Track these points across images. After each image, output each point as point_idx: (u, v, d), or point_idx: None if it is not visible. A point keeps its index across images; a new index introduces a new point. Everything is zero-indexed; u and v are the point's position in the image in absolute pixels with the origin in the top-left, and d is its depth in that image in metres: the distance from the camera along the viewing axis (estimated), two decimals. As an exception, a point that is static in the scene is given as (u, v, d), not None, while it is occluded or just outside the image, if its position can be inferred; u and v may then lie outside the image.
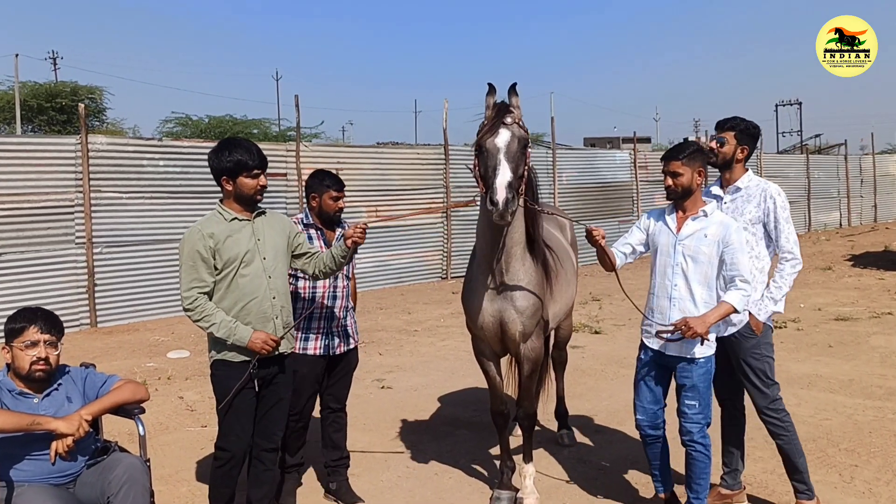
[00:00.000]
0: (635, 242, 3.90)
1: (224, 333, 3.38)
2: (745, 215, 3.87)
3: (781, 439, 3.87)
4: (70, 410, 3.13)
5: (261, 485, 3.65)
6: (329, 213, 4.25)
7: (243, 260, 3.44)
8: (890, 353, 7.66)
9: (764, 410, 3.86)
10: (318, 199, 4.25)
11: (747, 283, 3.59)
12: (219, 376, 3.50)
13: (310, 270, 3.80)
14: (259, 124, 32.62)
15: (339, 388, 4.42)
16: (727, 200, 3.94)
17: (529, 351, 4.10)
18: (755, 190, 3.89)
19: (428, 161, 14.23)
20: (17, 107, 29.56)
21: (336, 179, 4.31)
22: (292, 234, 3.73)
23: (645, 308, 3.86)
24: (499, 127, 3.66)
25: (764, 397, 3.84)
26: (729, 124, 3.96)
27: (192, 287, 3.38)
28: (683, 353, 3.65)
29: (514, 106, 3.81)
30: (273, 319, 3.52)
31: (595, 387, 6.77)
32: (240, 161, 3.43)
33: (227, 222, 3.48)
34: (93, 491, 3.04)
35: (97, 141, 10.31)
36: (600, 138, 48.07)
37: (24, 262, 9.54)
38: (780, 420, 3.86)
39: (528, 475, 4.26)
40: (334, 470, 4.42)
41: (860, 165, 25.95)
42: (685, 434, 3.69)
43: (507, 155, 3.58)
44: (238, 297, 3.44)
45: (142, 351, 8.72)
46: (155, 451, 5.31)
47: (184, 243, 3.43)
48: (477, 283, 4.06)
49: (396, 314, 10.93)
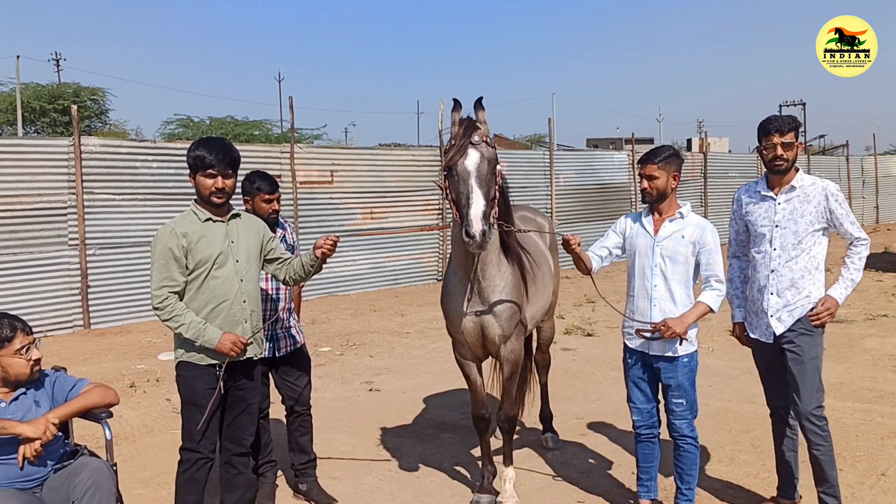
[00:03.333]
0: (611, 246, 3.95)
1: (193, 334, 3.33)
2: (805, 217, 3.69)
3: (819, 449, 3.68)
4: (38, 414, 3.11)
5: (234, 489, 3.63)
6: (263, 216, 4.11)
7: (216, 262, 3.40)
8: (883, 355, 7.61)
9: (808, 417, 3.67)
10: (250, 203, 4.19)
11: (722, 283, 3.74)
12: (185, 377, 3.45)
13: (281, 276, 3.76)
14: (260, 126, 32.70)
15: (299, 389, 4.37)
16: (781, 202, 3.74)
17: (509, 353, 4.10)
18: (812, 189, 3.70)
19: (424, 163, 14.20)
20: (19, 108, 29.65)
21: (269, 181, 4.21)
22: (266, 237, 3.69)
23: (625, 310, 3.92)
24: (467, 147, 3.63)
25: (810, 402, 3.66)
26: (787, 127, 3.70)
27: (162, 286, 3.33)
28: (666, 352, 3.73)
29: (481, 121, 3.77)
30: (242, 323, 3.48)
31: (584, 389, 6.74)
32: (197, 157, 3.38)
33: (200, 222, 3.44)
34: (59, 495, 3.01)
35: (90, 143, 10.30)
36: (603, 139, 48.09)
37: (16, 264, 9.52)
38: (821, 428, 3.68)
39: (508, 479, 4.25)
40: (302, 472, 4.40)
41: (862, 167, 25.84)
42: (675, 430, 3.80)
43: (478, 180, 3.56)
44: (208, 299, 3.40)
45: (133, 353, 8.71)
46: (138, 452, 5.30)
47: (156, 241, 3.38)
48: (455, 289, 4.08)
49: (389, 316, 10.91)
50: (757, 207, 3.84)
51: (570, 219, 16.13)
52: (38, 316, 9.36)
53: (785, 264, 3.73)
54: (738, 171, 21.14)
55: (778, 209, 3.75)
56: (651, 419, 3.89)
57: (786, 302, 3.73)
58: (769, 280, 3.77)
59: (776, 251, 3.75)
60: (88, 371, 7.46)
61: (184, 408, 3.50)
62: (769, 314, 3.76)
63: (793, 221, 3.70)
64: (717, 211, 19.62)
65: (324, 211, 12.58)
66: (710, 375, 6.93)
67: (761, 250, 3.81)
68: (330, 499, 4.33)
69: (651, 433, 3.90)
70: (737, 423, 5.57)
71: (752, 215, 3.86)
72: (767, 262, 3.78)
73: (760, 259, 3.82)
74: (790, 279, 3.72)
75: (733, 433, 5.37)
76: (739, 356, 7.76)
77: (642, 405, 3.88)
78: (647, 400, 3.88)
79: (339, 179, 12.80)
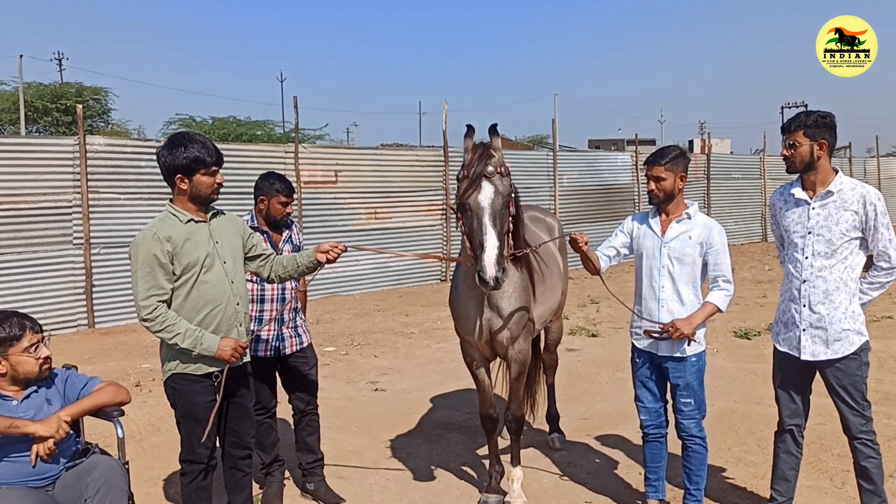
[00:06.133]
0: (619, 245, 3.95)
1: (190, 343, 3.16)
2: (841, 224, 3.44)
3: (871, 462, 3.54)
4: (49, 413, 3.12)
5: (241, 490, 3.62)
6: (276, 218, 4.19)
7: (204, 265, 3.23)
8: (887, 357, 7.61)
9: (858, 435, 3.54)
10: (266, 203, 4.21)
11: (730, 284, 3.73)
12: (182, 391, 3.28)
13: (265, 273, 3.60)
14: (263, 126, 32.73)
15: (304, 389, 4.38)
16: (815, 206, 3.50)
17: (517, 353, 4.11)
18: (850, 195, 3.44)
19: (427, 163, 14.20)
20: (22, 107, 29.66)
21: (287, 185, 4.24)
22: (246, 234, 3.53)
23: (634, 309, 3.92)
24: (480, 181, 3.56)
25: (860, 420, 3.54)
26: (794, 125, 3.50)
27: (150, 295, 3.13)
28: (674, 353, 3.73)
29: (495, 148, 3.69)
30: (237, 326, 3.37)
31: (589, 390, 6.74)
32: (197, 157, 3.21)
33: (183, 224, 3.25)
34: (71, 494, 3.01)
35: (95, 142, 10.32)
36: (605, 140, 48.06)
37: (21, 263, 9.54)
38: (872, 442, 3.54)
39: (516, 479, 4.25)
40: (310, 472, 4.41)
41: (864, 168, 25.82)
42: (683, 430, 3.80)
43: (491, 217, 3.52)
44: (200, 305, 3.23)
45: (138, 352, 8.71)
46: (145, 452, 5.31)
47: (137, 248, 3.16)
48: (463, 292, 4.08)
49: (394, 316, 10.91)
50: (790, 213, 3.61)
51: (574, 219, 16.11)
52: (43, 315, 9.35)
53: (818, 274, 3.50)
54: (741, 173, 21.13)
55: (812, 214, 3.51)
56: (659, 419, 3.90)
57: (819, 316, 3.50)
58: (801, 291, 3.55)
59: (808, 260, 3.52)
60: (93, 370, 7.44)
61: (183, 423, 3.35)
62: (801, 328, 3.56)
63: (826, 229, 3.47)
64: (720, 212, 19.62)
65: (328, 211, 12.58)
66: (715, 376, 6.92)
67: (793, 259, 3.61)
68: (338, 498, 4.34)
69: (659, 433, 3.91)
70: (743, 425, 5.57)
71: (786, 220, 3.63)
72: (799, 272, 3.56)
73: (792, 268, 3.61)
74: (824, 291, 3.49)
75: (740, 434, 5.37)
76: (745, 357, 7.77)
77: (650, 405, 3.89)
78: (655, 399, 3.89)
79: (343, 179, 12.80)
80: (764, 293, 12.03)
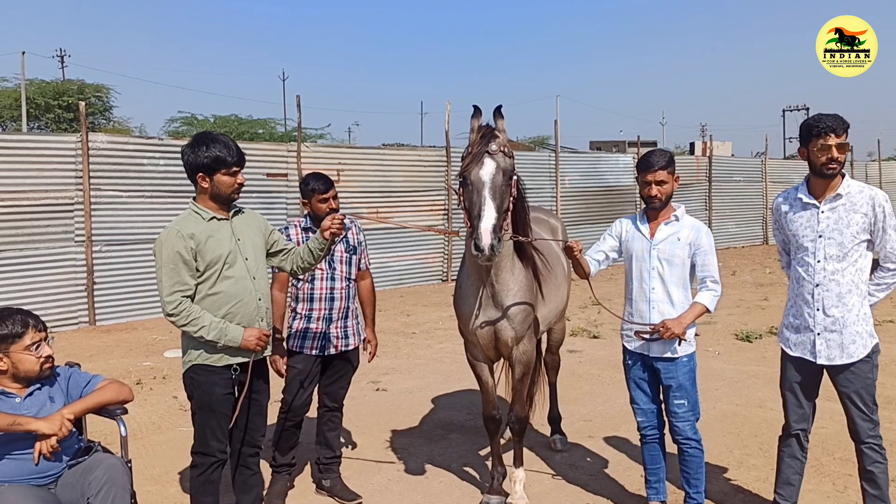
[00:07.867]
0: (608, 249, 3.99)
1: (215, 335, 3.24)
2: (852, 227, 3.43)
3: (878, 467, 3.53)
4: (52, 410, 3.11)
5: (250, 489, 3.62)
6: (321, 216, 4.21)
7: (226, 261, 3.30)
8: (890, 361, 7.59)
9: (866, 440, 3.52)
10: (308, 205, 4.29)
11: (717, 284, 3.77)
12: (200, 382, 3.34)
13: (287, 267, 3.65)
14: (264, 124, 32.75)
15: (335, 388, 4.44)
16: (825, 210, 3.48)
17: (521, 354, 4.11)
18: (859, 198, 3.45)
19: (430, 163, 14.20)
20: (24, 104, 29.66)
21: (322, 181, 4.27)
22: (267, 231, 3.59)
23: (624, 312, 3.96)
24: (483, 157, 3.57)
25: (869, 424, 3.53)
26: (844, 125, 3.41)
27: (174, 291, 3.21)
28: (666, 353, 3.75)
29: (500, 130, 3.71)
30: (258, 321, 3.42)
31: (591, 391, 6.73)
32: (218, 157, 3.27)
33: (205, 222, 3.32)
34: (73, 492, 3.01)
35: (98, 139, 10.32)
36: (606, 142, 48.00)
37: (23, 260, 9.54)
38: (879, 447, 3.53)
39: (519, 480, 4.26)
40: (326, 468, 4.44)
41: (866, 172, 25.81)
42: (678, 433, 3.79)
43: (491, 191, 3.51)
44: (223, 301, 3.30)
45: (139, 350, 8.71)
46: (146, 450, 5.30)
47: (161, 245, 3.24)
48: (468, 291, 4.07)
49: (395, 316, 10.91)
50: (798, 217, 3.58)
51: (575, 220, 16.11)
52: (44, 312, 9.24)
53: (831, 278, 3.48)
54: (742, 175, 21.13)
55: (821, 218, 3.49)
56: (654, 419, 3.91)
57: (834, 319, 3.49)
58: (814, 295, 3.52)
59: (820, 263, 3.49)
60: (94, 368, 7.45)
61: (198, 413, 3.40)
62: (815, 332, 3.53)
63: (838, 232, 3.45)
64: (721, 215, 19.63)
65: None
66: (716, 379, 6.92)
67: (804, 262, 3.56)
68: (354, 495, 4.35)
69: (655, 434, 3.92)
70: (745, 427, 5.56)
71: (794, 225, 3.60)
72: (812, 276, 3.52)
73: (804, 272, 3.56)
74: (837, 294, 3.47)
75: (741, 437, 5.36)
76: (745, 360, 7.77)
77: (646, 405, 3.90)
78: (650, 400, 3.90)
79: (346, 179, 12.79)
80: (765, 296, 12.02)
